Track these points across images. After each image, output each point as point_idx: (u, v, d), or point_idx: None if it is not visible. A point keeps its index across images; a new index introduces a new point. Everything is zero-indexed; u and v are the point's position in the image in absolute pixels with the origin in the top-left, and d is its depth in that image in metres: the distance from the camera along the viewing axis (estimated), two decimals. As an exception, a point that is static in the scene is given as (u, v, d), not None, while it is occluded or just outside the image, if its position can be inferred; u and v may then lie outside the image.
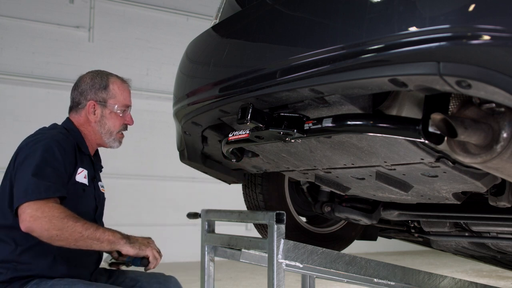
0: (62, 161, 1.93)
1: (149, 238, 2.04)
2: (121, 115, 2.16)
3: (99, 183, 2.24)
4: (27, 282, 1.88)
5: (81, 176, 2.04)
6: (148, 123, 8.20)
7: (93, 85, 2.13)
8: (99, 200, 2.19)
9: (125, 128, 2.22)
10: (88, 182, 2.08)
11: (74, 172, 2.00)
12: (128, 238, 1.93)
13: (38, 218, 1.76)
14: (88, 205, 2.10)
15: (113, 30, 8.04)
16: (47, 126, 2.14)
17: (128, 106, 2.20)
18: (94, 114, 2.12)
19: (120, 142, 2.21)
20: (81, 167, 2.05)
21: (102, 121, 2.13)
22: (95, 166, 2.18)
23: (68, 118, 2.16)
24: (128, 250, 1.89)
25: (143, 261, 1.94)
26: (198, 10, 8.56)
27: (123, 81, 2.22)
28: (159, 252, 2.00)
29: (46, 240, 1.79)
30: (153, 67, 8.37)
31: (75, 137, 2.08)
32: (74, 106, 2.16)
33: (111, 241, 1.86)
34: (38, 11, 7.56)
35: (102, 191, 2.26)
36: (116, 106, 2.14)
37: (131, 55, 8.15)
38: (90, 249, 1.85)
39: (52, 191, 1.83)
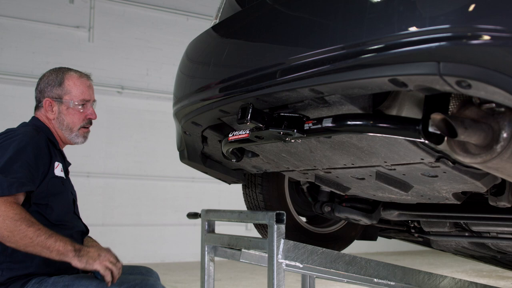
0: (34, 156, 1.93)
1: (104, 249, 1.93)
2: (81, 110, 2.13)
3: (71, 180, 2.25)
4: (27, 281, 1.87)
5: (58, 169, 2.04)
6: (148, 123, 8.20)
7: (49, 83, 2.13)
8: (74, 194, 2.20)
9: (89, 123, 2.18)
10: (65, 175, 2.09)
11: (51, 166, 2.00)
12: (79, 251, 1.83)
13: None
14: (68, 198, 2.11)
15: (113, 30, 8.04)
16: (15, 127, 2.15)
17: (87, 100, 2.16)
18: (52, 111, 2.11)
19: (85, 137, 2.19)
20: (57, 161, 2.05)
21: (60, 117, 2.12)
22: (65, 161, 2.19)
23: (33, 117, 2.17)
24: (75, 263, 1.81)
25: (98, 273, 1.85)
26: (198, 10, 8.56)
27: (81, 75, 2.18)
28: (113, 262, 1.88)
29: None
30: (153, 67, 8.37)
31: (45, 132, 2.09)
32: (36, 104, 2.17)
33: (60, 252, 1.80)
34: (38, 11, 7.56)
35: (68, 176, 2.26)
36: (72, 102, 2.11)
37: (131, 55, 8.15)
38: (40, 255, 1.81)
39: (15, 187, 1.81)
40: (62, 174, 2.06)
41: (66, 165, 2.17)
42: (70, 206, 2.11)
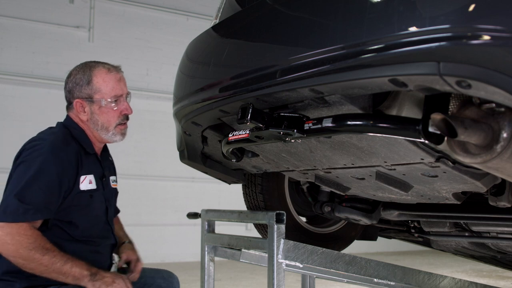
0: (58, 176, 1.85)
1: (120, 276, 1.91)
2: (114, 107, 2.02)
3: (111, 178, 2.15)
4: None
5: (86, 183, 1.95)
6: (148, 123, 8.20)
7: (77, 82, 2.01)
8: (109, 199, 2.10)
9: (125, 119, 2.08)
10: (97, 184, 2.00)
11: (77, 182, 1.92)
12: (94, 275, 1.84)
13: (6, 244, 1.75)
14: (98, 209, 2.03)
15: (113, 30, 8.04)
16: (53, 126, 2.07)
17: (119, 96, 2.04)
18: (84, 113, 2.00)
19: (123, 134, 2.08)
20: (84, 174, 1.95)
21: (93, 118, 2.00)
22: (103, 164, 2.08)
23: (68, 117, 2.07)
24: (90, 287, 1.83)
25: None
26: (198, 10, 8.56)
27: (109, 69, 2.05)
28: None
29: (15, 264, 1.78)
30: (153, 67, 8.37)
31: (78, 136, 1.99)
32: (67, 105, 2.07)
33: (76, 277, 1.80)
34: (38, 11, 7.56)
35: (114, 186, 2.17)
36: (103, 100, 1.99)
37: (131, 55, 8.15)
38: (56, 280, 1.81)
39: (30, 215, 1.78)
40: (91, 186, 1.97)
41: (103, 168, 2.07)
42: (100, 218, 2.04)
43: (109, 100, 2.00)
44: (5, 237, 1.75)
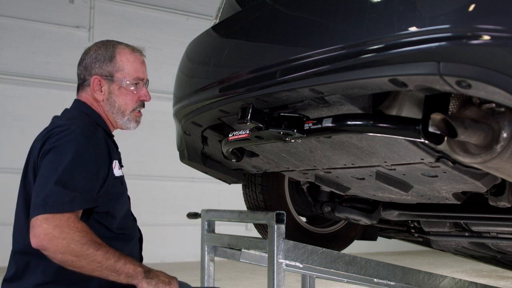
0: (96, 160, 1.67)
1: (172, 276, 1.76)
2: (134, 90, 1.85)
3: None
4: None
5: (117, 168, 1.79)
6: (148, 123, 8.18)
7: (97, 58, 1.83)
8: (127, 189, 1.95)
9: (142, 105, 1.90)
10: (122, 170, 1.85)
11: (110, 168, 1.75)
12: (148, 272, 1.67)
13: (55, 238, 1.50)
14: (126, 197, 1.90)
15: (113, 30, 8.04)
16: (58, 115, 1.88)
17: (141, 79, 1.87)
18: (101, 92, 1.82)
19: (138, 122, 1.91)
20: (114, 159, 1.78)
21: (110, 98, 1.83)
22: (118, 150, 1.92)
23: (76, 100, 1.88)
24: (143, 285, 1.64)
25: None
26: (198, 10, 8.56)
27: (133, 50, 1.89)
28: None
29: (58, 262, 1.55)
30: (153, 67, 8.35)
31: (98, 120, 1.83)
32: (80, 84, 1.87)
33: (129, 274, 1.62)
34: (38, 11, 7.56)
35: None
36: (125, 80, 1.83)
37: (131, 55, 8.15)
38: (107, 279, 1.62)
39: (78, 204, 1.57)
40: (120, 172, 1.81)
41: (119, 156, 1.90)
42: (128, 207, 1.91)
43: (129, 81, 1.84)
44: (53, 230, 1.50)
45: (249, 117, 1.50)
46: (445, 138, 1.20)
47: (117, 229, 1.79)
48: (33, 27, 7.51)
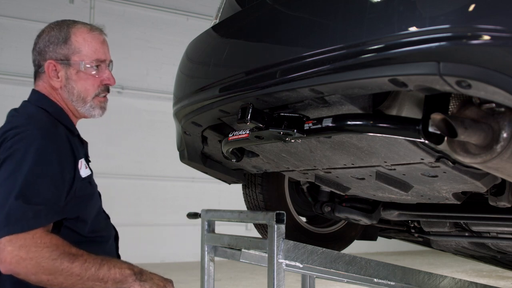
0: (59, 163, 1.50)
1: (166, 278, 1.63)
2: (95, 74, 1.66)
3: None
4: None
5: (83, 168, 1.62)
6: (148, 123, 8.20)
7: (51, 40, 1.63)
8: (96, 186, 1.76)
9: (106, 90, 1.72)
10: (89, 168, 1.68)
11: (77, 169, 1.58)
12: (140, 274, 1.53)
13: (22, 260, 1.36)
14: (98, 197, 1.74)
15: (113, 30, 8.03)
16: (17, 107, 1.68)
17: (102, 61, 1.68)
18: (57, 78, 1.62)
19: (103, 108, 1.73)
20: (79, 158, 1.61)
21: (68, 85, 1.63)
22: (84, 145, 1.72)
23: (34, 91, 1.67)
24: None
25: None
26: (198, 10, 8.56)
27: (91, 29, 1.69)
28: None
29: (35, 284, 1.43)
30: (153, 67, 8.37)
31: (58, 115, 1.61)
32: (36, 71, 1.68)
33: (117, 279, 1.48)
34: (38, 11, 7.57)
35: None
36: (83, 63, 1.63)
37: (131, 55, 8.15)
38: None
39: (44, 218, 1.42)
40: (88, 171, 1.64)
41: (86, 152, 1.72)
42: (100, 207, 1.75)
43: (89, 64, 1.64)
44: (19, 252, 1.36)
45: (249, 117, 1.50)
46: (445, 138, 1.20)
47: (89, 232, 1.64)
48: (33, 27, 7.48)
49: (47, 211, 1.43)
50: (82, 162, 1.62)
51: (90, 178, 1.66)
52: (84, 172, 1.61)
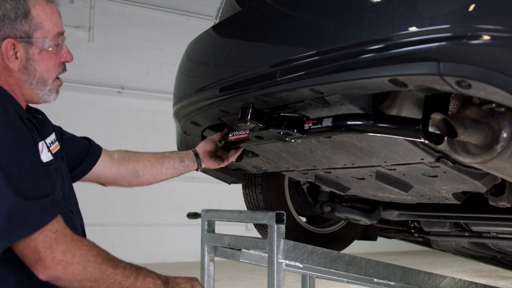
0: (28, 146, 1.31)
1: (193, 279, 1.56)
2: (55, 51, 1.46)
3: (48, 140, 1.51)
4: None
5: (45, 151, 1.44)
6: (148, 123, 8.20)
7: (6, 14, 1.37)
8: (60, 170, 1.53)
9: (64, 69, 1.52)
10: (50, 152, 1.48)
11: (38, 153, 1.39)
12: (167, 283, 1.46)
13: (69, 265, 1.25)
14: (60, 185, 1.50)
15: (113, 30, 8.04)
16: None
17: (61, 34, 1.48)
18: (17, 58, 1.39)
19: (58, 92, 1.52)
20: (39, 141, 1.42)
21: (30, 66, 1.41)
22: (39, 129, 1.48)
23: None
24: None
25: None
26: (198, 10, 8.56)
27: (48, 0, 1.48)
28: None
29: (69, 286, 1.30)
30: (153, 67, 8.37)
31: (4, 99, 1.38)
32: None
33: None
34: (38, 11, 7.56)
35: (54, 150, 1.52)
36: (47, 40, 1.43)
37: (131, 55, 8.15)
38: None
39: (51, 209, 1.26)
40: (50, 156, 1.45)
41: (39, 133, 1.46)
42: (68, 195, 1.54)
43: (53, 40, 1.44)
44: (63, 257, 1.24)
45: (249, 117, 1.50)
46: (445, 138, 1.20)
47: None
48: (33, 27, 7.51)
49: (52, 203, 1.28)
50: (43, 145, 1.43)
51: (52, 162, 1.46)
52: (45, 156, 1.42)
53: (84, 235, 1.59)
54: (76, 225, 1.53)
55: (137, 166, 1.90)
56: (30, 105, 1.54)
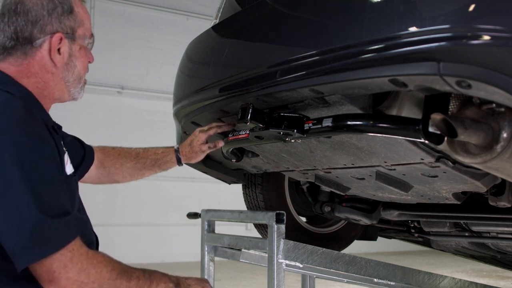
0: (54, 159, 1.26)
1: (203, 279, 1.54)
2: (89, 50, 1.47)
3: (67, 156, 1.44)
4: None
5: (69, 164, 1.42)
6: (148, 123, 8.20)
7: (55, 9, 1.32)
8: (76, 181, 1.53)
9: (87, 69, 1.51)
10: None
11: (63, 165, 1.37)
12: (178, 285, 1.43)
13: (84, 285, 1.21)
14: (78, 199, 1.50)
15: (113, 30, 8.04)
16: None
17: (92, 35, 1.48)
18: (59, 54, 1.35)
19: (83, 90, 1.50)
20: (63, 153, 1.39)
21: (71, 63, 1.38)
22: (62, 138, 1.46)
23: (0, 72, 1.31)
24: None
25: None
26: (198, 10, 8.56)
27: None
28: None
29: None
30: (153, 67, 8.37)
31: (34, 107, 1.29)
32: (18, 45, 1.31)
33: None
34: (38, 11, 7.56)
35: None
36: (87, 37, 1.43)
37: (131, 55, 8.15)
38: None
39: (74, 228, 1.22)
40: (71, 168, 1.44)
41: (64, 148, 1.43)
42: (80, 204, 1.52)
43: (90, 40, 1.45)
44: (78, 277, 1.20)
45: (249, 117, 1.50)
46: (445, 138, 1.20)
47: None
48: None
49: (75, 223, 1.24)
50: (67, 158, 1.41)
51: (74, 175, 1.48)
52: (69, 168, 1.41)
53: (97, 243, 1.58)
54: (91, 235, 1.51)
55: (117, 176, 1.95)
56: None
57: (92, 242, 1.50)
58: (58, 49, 1.35)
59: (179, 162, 1.97)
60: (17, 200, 1.14)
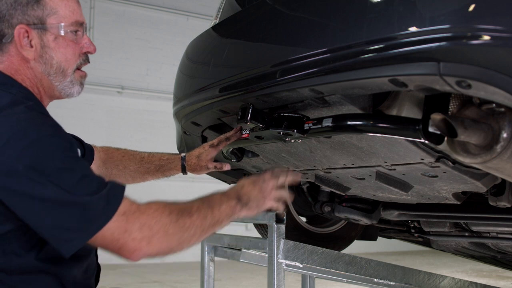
0: (70, 143, 1.25)
1: (258, 179, 1.46)
2: (72, 40, 1.35)
3: None
4: None
5: None
6: (148, 123, 8.20)
7: (18, 1, 1.28)
8: None
9: (86, 60, 1.41)
10: None
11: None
12: (239, 199, 1.39)
13: (151, 238, 1.22)
14: None
15: (113, 30, 8.04)
16: None
17: (80, 24, 1.37)
18: (31, 47, 1.30)
19: (82, 85, 1.43)
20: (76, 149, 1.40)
21: (45, 55, 1.31)
22: None
23: None
24: (244, 215, 1.41)
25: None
26: (198, 10, 8.56)
27: None
28: (277, 185, 1.47)
29: (167, 255, 1.32)
30: (153, 67, 8.37)
31: (30, 100, 1.28)
32: None
33: (229, 215, 1.37)
34: (38, 11, 7.57)
35: None
36: (62, 26, 1.32)
37: (131, 55, 8.15)
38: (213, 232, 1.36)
39: (118, 189, 1.23)
40: None
41: None
42: None
43: (69, 28, 1.34)
44: (141, 232, 1.21)
45: (249, 117, 1.50)
46: (445, 138, 1.20)
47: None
48: (33, 27, 7.51)
49: (113, 184, 1.24)
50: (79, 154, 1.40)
51: None
52: None
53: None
54: (91, 249, 1.48)
55: (118, 178, 1.91)
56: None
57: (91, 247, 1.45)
58: (30, 42, 1.30)
59: (184, 170, 1.93)
60: (49, 192, 1.13)
